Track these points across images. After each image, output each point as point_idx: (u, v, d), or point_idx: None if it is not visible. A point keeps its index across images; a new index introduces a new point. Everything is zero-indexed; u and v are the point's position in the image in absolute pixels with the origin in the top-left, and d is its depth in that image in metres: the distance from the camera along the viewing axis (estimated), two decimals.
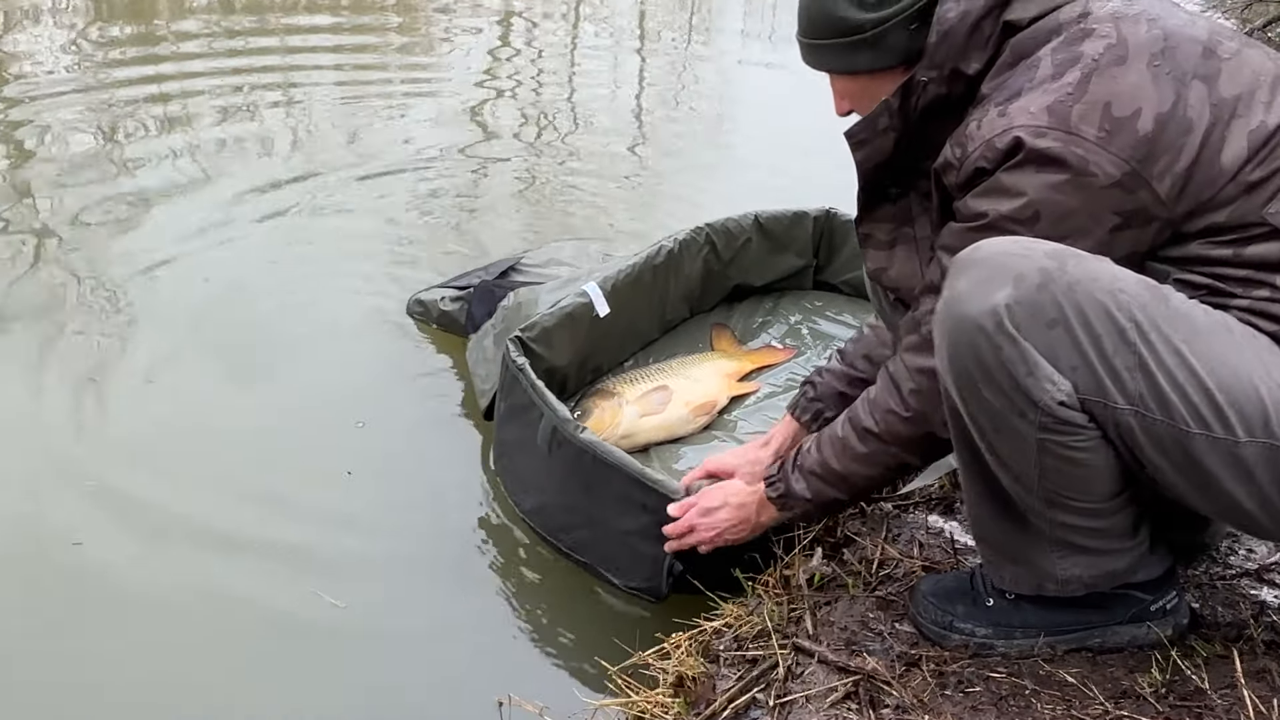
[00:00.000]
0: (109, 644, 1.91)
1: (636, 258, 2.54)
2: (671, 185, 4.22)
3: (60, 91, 4.71)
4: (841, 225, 2.87)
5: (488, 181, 4.12)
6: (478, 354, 2.52)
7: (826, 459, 1.57)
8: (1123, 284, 1.19)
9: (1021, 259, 1.19)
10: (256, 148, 4.26)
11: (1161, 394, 1.18)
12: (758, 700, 1.47)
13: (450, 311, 2.80)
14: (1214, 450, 1.18)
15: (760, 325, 2.78)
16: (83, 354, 2.77)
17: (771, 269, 2.85)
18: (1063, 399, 1.20)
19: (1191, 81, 1.22)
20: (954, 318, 1.22)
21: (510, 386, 2.16)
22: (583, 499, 1.98)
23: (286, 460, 2.41)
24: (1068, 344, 1.18)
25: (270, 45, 5.66)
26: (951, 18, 1.33)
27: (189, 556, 2.12)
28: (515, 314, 2.46)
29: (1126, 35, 1.24)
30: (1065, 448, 1.23)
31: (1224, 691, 1.33)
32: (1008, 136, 1.25)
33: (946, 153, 1.35)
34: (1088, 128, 1.21)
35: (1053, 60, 1.26)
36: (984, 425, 1.27)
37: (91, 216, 3.53)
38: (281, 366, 2.75)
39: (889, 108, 1.41)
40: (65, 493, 2.25)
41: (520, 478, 2.19)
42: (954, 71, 1.35)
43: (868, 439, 1.52)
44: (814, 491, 1.60)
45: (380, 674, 1.89)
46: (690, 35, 7.17)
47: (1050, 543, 1.35)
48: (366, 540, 2.19)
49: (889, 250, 1.54)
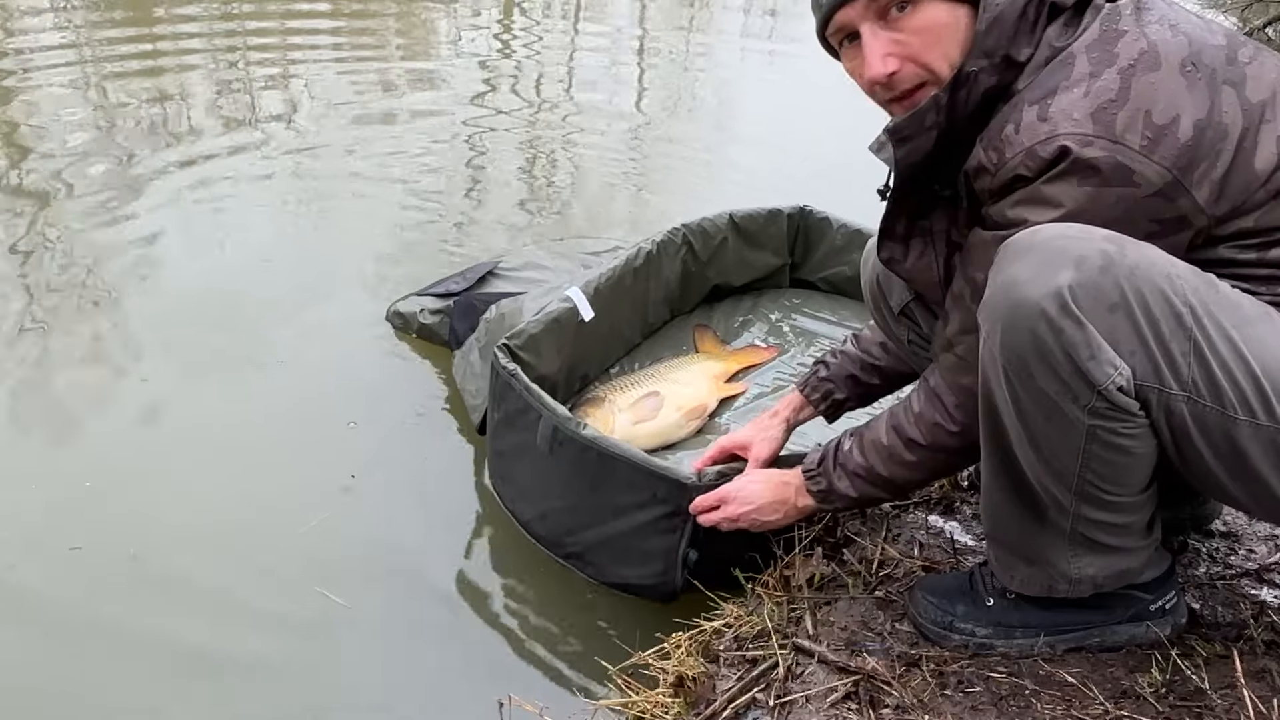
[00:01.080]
0: (110, 641, 1.91)
1: (616, 261, 2.53)
2: (671, 184, 4.24)
3: (58, 88, 4.71)
4: (817, 222, 2.88)
5: (486, 183, 4.13)
6: (464, 370, 2.50)
7: (873, 465, 1.55)
8: (1178, 270, 1.19)
9: (1082, 242, 1.18)
10: (252, 142, 4.26)
11: (1214, 379, 1.18)
12: (758, 700, 1.47)
13: (430, 324, 2.79)
14: (1257, 437, 1.19)
15: (742, 324, 2.79)
16: (74, 354, 2.77)
17: (749, 268, 2.86)
18: (1122, 384, 1.19)
19: (1222, 86, 1.20)
20: (1011, 302, 1.20)
21: (503, 394, 2.12)
22: (589, 497, 1.95)
23: (287, 462, 2.41)
24: (1128, 328, 1.18)
25: (269, 33, 5.66)
26: (1001, 3, 1.26)
27: (190, 558, 2.12)
28: (498, 325, 2.44)
29: (1155, 40, 1.22)
30: (1115, 434, 1.23)
31: (1224, 691, 1.33)
32: (1053, 145, 1.21)
33: (980, 155, 1.29)
34: (1132, 136, 1.18)
35: (1088, 58, 1.23)
36: (1032, 413, 1.25)
37: (85, 211, 3.53)
38: (277, 367, 2.74)
39: (937, 103, 1.30)
40: (58, 495, 2.25)
41: (520, 486, 2.15)
42: (1005, 59, 1.28)
43: (915, 449, 1.50)
44: (859, 491, 1.58)
45: (381, 674, 1.89)
46: (690, 36, 7.17)
47: (1069, 541, 1.34)
48: (366, 542, 2.18)
49: (904, 243, 1.51)
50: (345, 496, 2.29)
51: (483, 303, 2.61)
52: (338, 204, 3.80)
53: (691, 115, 5.29)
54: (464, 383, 2.47)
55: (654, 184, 4.26)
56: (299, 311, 2.98)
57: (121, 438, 2.45)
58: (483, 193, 4.01)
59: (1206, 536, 1.72)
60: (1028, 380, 1.23)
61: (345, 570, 2.09)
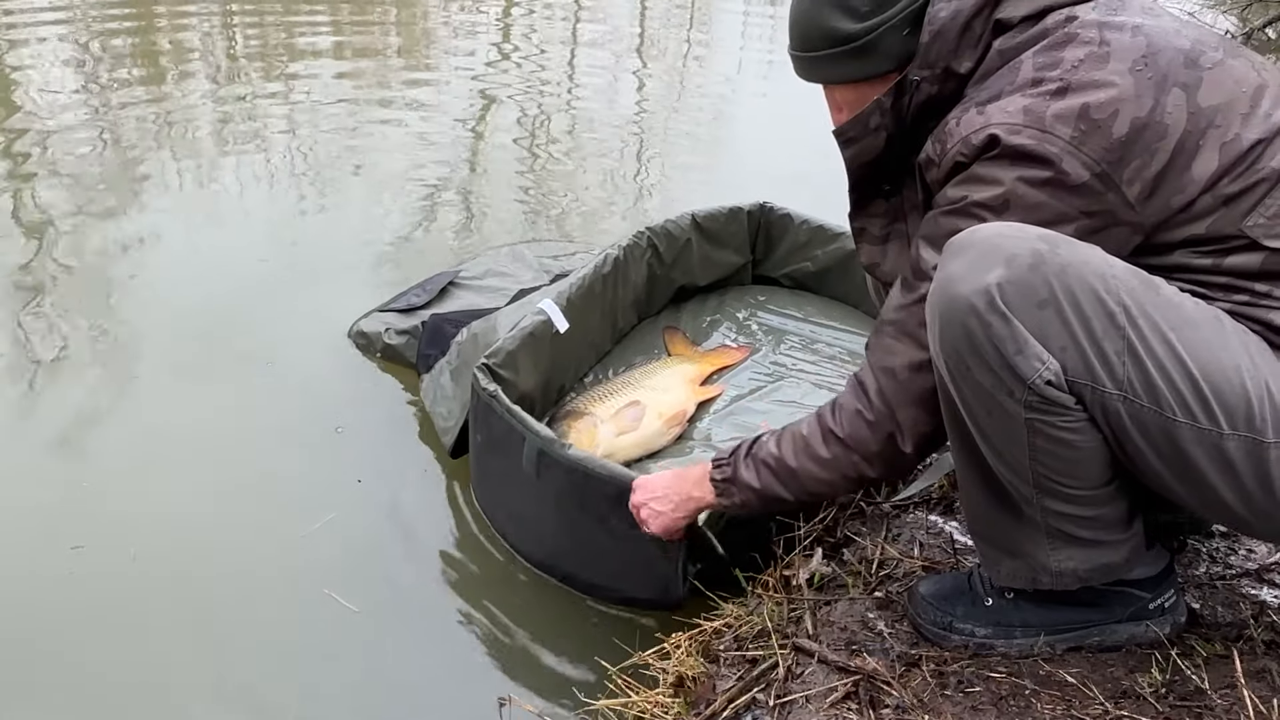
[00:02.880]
0: (115, 643, 1.91)
1: (585, 270, 2.49)
2: (666, 186, 4.24)
3: (64, 108, 4.70)
4: (778, 219, 2.88)
5: (486, 182, 4.13)
6: (434, 393, 2.44)
7: (784, 455, 1.53)
8: (1114, 270, 1.20)
9: (1015, 240, 1.21)
10: (250, 148, 4.26)
11: (1149, 380, 1.19)
12: (758, 700, 1.47)
13: (396, 346, 2.72)
14: (1199, 441, 1.19)
15: (710, 324, 2.77)
16: (66, 354, 2.77)
17: (713, 267, 2.85)
18: (1050, 378, 1.20)
19: (1171, 88, 1.23)
20: (947, 298, 1.24)
21: (484, 417, 2.07)
22: (581, 517, 1.92)
23: (287, 465, 2.41)
24: (1057, 325, 1.19)
25: (269, 32, 5.66)
26: (943, 17, 1.34)
27: (191, 561, 2.12)
28: (472, 347, 2.40)
29: (1110, 39, 1.25)
30: (1054, 427, 1.24)
31: (1224, 691, 1.33)
32: (984, 133, 1.27)
33: (928, 148, 1.37)
34: (1063, 128, 1.23)
35: (1034, 64, 1.28)
36: (975, 408, 1.28)
37: (83, 210, 3.54)
38: (269, 368, 2.74)
39: (880, 106, 1.41)
40: (55, 495, 2.25)
41: (509, 510, 2.13)
42: (946, 70, 1.36)
43: (830, 441, 1.49)
44: (762, 483, 1.56)
45: (381, 674, 1.89)
46: (690, 33, 7.17)
47: (1046, 534, 1.35)
48: (367, 544, 2.18)
49: (882, 245, 1.55)
50: (348, 499, 2.29)
51: (453, 325, 2.56)
52: (337, 204, 3.80)
53: (691, 115, 5.29)
54: (434, 405, 2.41)
55: (654, 183, 4.26)
56: (297, 311, 2.99)
57: (116, 437, 2.46)
58: (482, 192, 4.01)
59: (1206, 537, 1.72)
60: (966, 374, 1.25)
61: (346, 573, 2.09)
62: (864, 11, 1.39)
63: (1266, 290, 1.24)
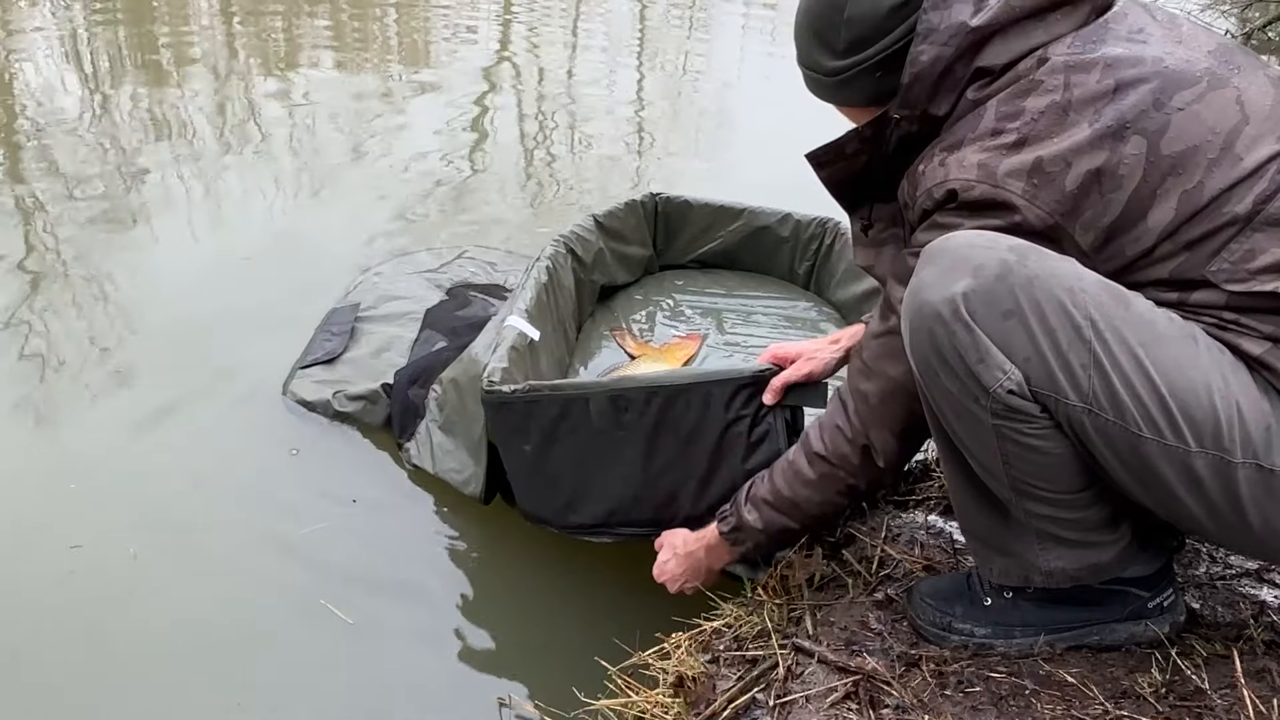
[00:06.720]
0: (112, 649, 1.91)
1: (529, 286, 2.39)
2: (666, 186, 4.23)
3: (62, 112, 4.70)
4: (677, 208, 2.89)
5: (485, 182, 4.13)
6: (430, 455, 2.31)
7: (778, 486, 1.62)
8: (1084, 283, 1.20)
9: (984, 250, 1.22)
10: (250, 146, 4.26)
11: (1115, 395, 1.19)
12: (758, 700, 1.47)
13: (353, 413, 2.52)
14: (1166, 457, 1.19)
15: (646, 317, 2.77)
16: (65, 354, 2.77)
17: (626, 264, 2.86)
18: (1012, 388, 1.21)
19: (1131, 136, 1.21)
20: (917, 305, 1.25)
21: (525, 417, 1.93)
22: (675, 442, 1.84)
23: (283, 471, 2.40)
24: (1022, 335, 1.20)
25: (268, 34, 5.66)
26: (924, 61, 1.33)
27: (190, 563, 2.12)
28: (454, 393, 2.28)
29: (1073, 86, 1.24)
30: (1021, 434, 1.25)
31: (1224, 691, 1.33)
32: (943, 188, 1.30)
33: (903, 187, 1.41)
34: (1015, 182, 1.24)
35: (996, 113, 1.28)
36: (948, 412, 1.30)
37: (81, 210, 3.54)
38: (274, 372, 2.73)
39: (859, 135, 1.44)
40: (52, 494, 2.25)
41: (584, 493, 1.95)
42: (924, 113, 1.37)
43: (816, 462, 1.57)
44: (765, 521, 1.64)
45: (381, 674, 1.89)
46: (690, 32, 7.17)
47: (1035, 535, 1.36)
48: (367, 546, 2.18)
49: (878, 249, 1.55)
50: (343, 507, 2.29)
51: (419, 399, 2.43)
52: (336, 202, 3.80)
53: (692, 115, 5.29)
54: (439, 466, 2.27)
55: (654, 183, 4.26)
56: (295, 311, 2.98)
57: (109, 437, 2.45)
58: (481, 193, 4.01)
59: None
60: (935, 380, 1.27)
61: (345, 575, 2.09)
62: (839, 50, 1.41)
63: (1234, 319, 1.23)
